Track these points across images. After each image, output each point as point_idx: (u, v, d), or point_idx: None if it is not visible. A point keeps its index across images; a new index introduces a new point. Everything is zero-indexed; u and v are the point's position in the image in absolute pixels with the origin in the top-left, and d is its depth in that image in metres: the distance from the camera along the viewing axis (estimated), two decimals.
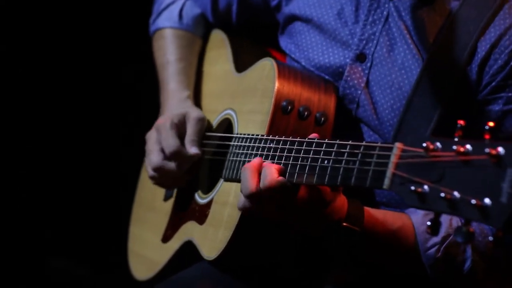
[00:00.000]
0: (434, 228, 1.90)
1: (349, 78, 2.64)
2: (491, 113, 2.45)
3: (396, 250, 2.40)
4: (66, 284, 4.64)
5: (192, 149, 2.80)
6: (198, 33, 3.17)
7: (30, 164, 4.59)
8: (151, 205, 3.20)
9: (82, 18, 4.49)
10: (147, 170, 2.91)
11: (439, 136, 1.91)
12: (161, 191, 3.12)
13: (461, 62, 2.45)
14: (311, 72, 2.71)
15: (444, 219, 2.39)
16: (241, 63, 2.92)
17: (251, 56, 2.93)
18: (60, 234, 4.63)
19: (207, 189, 2.85)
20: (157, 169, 2.85)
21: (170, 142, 2.80)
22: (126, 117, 4.56)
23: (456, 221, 2.39)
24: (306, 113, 2.58)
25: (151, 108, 3.39)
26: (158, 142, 2.85)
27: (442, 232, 2.38)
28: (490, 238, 2.36)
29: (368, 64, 2.62)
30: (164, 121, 2.85)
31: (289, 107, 2.57)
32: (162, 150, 2.83)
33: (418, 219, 2.41)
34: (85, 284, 4.67)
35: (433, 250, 2.39)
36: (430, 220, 1.91)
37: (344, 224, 2.34)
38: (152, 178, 2.90)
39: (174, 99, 2.98)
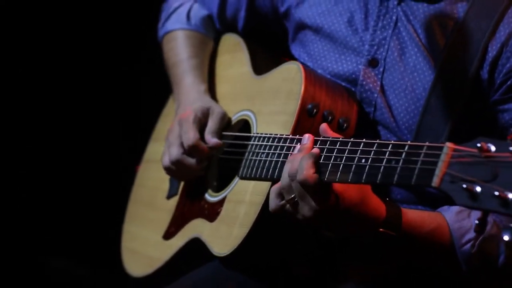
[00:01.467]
0: (482, 227, 1.94)
1: (364, 83, 2.68)
2: (508, 112, 2.50)
3: (431, 250, 2.43)
4: (66, 284, 4.63)
5: (213, 140, 2.83)
6: (208, 33, 3.20)
7: (30, 164, 4.59)
8: (150, 203, 3.18)
9: (82, 18, 4.49)
10: (164, 161, 2.91)
11: (491, 137, 1.95)
12: (162, 189, 3.10)
13: (474, 64, 2.50)
14: (332, 80, 2.74)
15: (477, 214, 2.43)
16: (259, 67, 2.94)
17: (267, 61, 2.96)
18: (60, 234, 4.61)
19: (217, 188, 2.85)
20: (175, 162, 2.87)
21: (190, 136, 2.82)
22: (126, 118, 4.53)
23: (490, 217, 2.43)
24: (330, 117, 2.61)
25: (151, 108, 3.40)
26: (179, 136, 2.87)
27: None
28: None
29: (381, 69, 2.67)
30: (188, 115, 2.87)
31: (315, 110, 2.60)
32: (182, 145, 2.85)
33: (452, 216, 2.44)
34: (85, 284, 4.66)
35: (468, 245, 2.41)
36: (478, 219, 1.96)
37: (381, 230, 2.36)
38: (167, 169, 2.91)
39: (193, 92, 2.99)
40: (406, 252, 2.44)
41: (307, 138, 2.40)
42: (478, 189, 1.93)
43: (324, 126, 2.42)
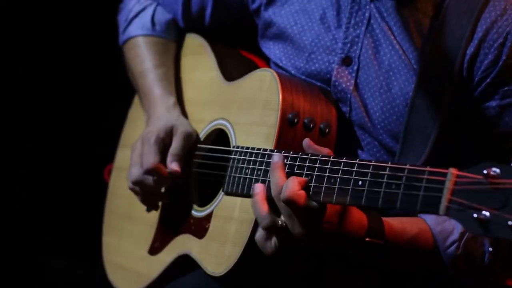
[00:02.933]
0: (496, 252, 1.94)
1: (337, 83, 2.63)
2: (489, 109, 2.47)
3: (417, 255, 2.43)
4: (66, 284, 4.63)
5: (173, 165, 2.77)
6: (172, 38, 3.10)
7: (30, 164, 4.55)
8: (127, 214, 3.12)
9: (81, 18, 4.41)
10: (128, 181, 2.86)
11: (494, 162, 1.93)
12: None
13: (456, 63, 2.46)
14: (307, 82, 2.68)
15: None
16: (228, 71, 2.87)
17: (236, 64, 2.90)
18: (60, 234, 4.60)
19: (201, 202, 2.79)
20: (136, 183, 2.82)
21: (149, 159, 2.77)
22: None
23: None
24: (311, 124, 2.57)
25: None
26: (140, 156, 2.81)
27: (459, 228, 2.42)
28: None
29: (355, 67, 2.62)
30: (150, 135, 2.81)
31: (296, 119, 2.55)
32: (142, 165, 2.78)
33: (432, 220, 2.45)
34: (85, 284, 4.64)
35: (453, 247, 2.42)
36: (492, 246, 1.95)
37: (367, 239, 2.34)
38: (132, 190, 2.86)
39: (162, 107, 2.91)
40: (391, 260, 2.43)
41: (277, 157, 2.34)
42: (489, 217, 1.91)
43: (307, 142, 2.37)
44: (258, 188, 2.35)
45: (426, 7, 2.53)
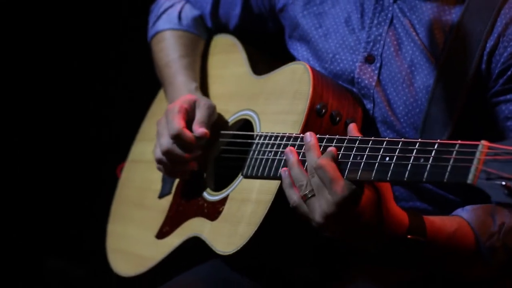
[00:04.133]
0: None
1: (359, 80, 2.71)
2: (509, 103, 2.54)
3: (459, 250, 2.42)
4: (64, 285, 4.59)
5: (200, 130, 2.80)
6: (199, 33, 3.18)
7: (29, 164, 4.54)
8: (137, 203, 3.14)
9: (81, 18, 4.46)
10: (156, 153, 2.87)
11: None
12: (152, 190, 3.06)
13: (475, 59, 2.54)
14: (335, 81, 2.76)
15: (491, 208, 2.46)
16: (258, 68, 2.94)
17: (265, 63, 2.97)
18: (58, 235, 4.58)
19: (216, 187, 2.82)
20: (166, 152, 2.82)
21: (174, 124, 2.79)
22: (126, 119, 4.46)
23: (502, 209, 2.46)
24: (338, 118, 2.63)
25: (149, 108, 3.35)
26: (165, 126, 2.84)
27: (497, 220, 2.44)
28: None
29: (378, 65, 2.70)
30: (174, 105, 2.85)
31: (323, 110, 2.61)
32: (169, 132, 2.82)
33: (470, 215, 2.46)
34: (83, 285, 4.62)
35: (493, 240, 2.43)
36: None
37: (409, 236, 2.34)
38: (159, 161, 2.86)
39: (184, 91, 2.97)
40: (433, 258, 2.43)
41: (309, 135, 2.39)
42: None
43: (352, 126, 2.42)
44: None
45: (448, 7, 2.62)
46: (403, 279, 2.61)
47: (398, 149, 2.24)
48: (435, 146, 2.16)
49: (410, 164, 2.19)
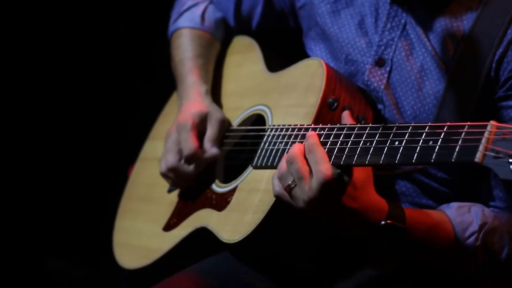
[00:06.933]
0: None
1: (369, 82, 2.74)
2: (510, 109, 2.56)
3: (437, 244, 2.46)
4: (64, 284, 4.60)
5: (213, 149, 2.88)
6: (217, 36, 3.23)
7: (29, 164, 4.56)
8: (146, 198, 3.16)
9: (81, 18, 4.49)
10: (161, 167, 2.94)
11: None
12: (161, 185, 3.08)
13: (485, 67, 2.57)
14: (349, 78, 2.79)
15: (476, 208, 2.50)
16: (273, 66, 2.98)
17: (281, 62, 3.00)
18: (58, 234, 4.59)
19: (225, 179, 2.84)
20: (172, 170, 2.91)
21: (189, 145, 2.86)
22: (126, 119, 4.50)
23: (488, 211, 2.50)
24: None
25: (149, 108, 3.39)
26: (177, 143, 2.91)
27: (478, 220, 2.46)
28: None
29: (388, 69, 2.73)
30: (185, 121, 2.90)
31: (335, 104, 2.63)
32: (180, 152, 2.89)
33: (453, 212, 2.49)
34: (83, 285, 4.63)
35: (472, 238, 2.45)
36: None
37: (389, 221, 2.38)
38: (164, 176, 2.94)
39: (194, 92, 3.01)
40: (412, 247, 2.45)
41: (310, 133, 2.44)
42: None
43: (345, 113, 2.49)
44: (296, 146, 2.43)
45: (459, 11, 2.65)
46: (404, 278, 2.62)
47: (407, 133, 2.26)
48: (445, 129, 2.18)
49: (419, 147, 2.21)
